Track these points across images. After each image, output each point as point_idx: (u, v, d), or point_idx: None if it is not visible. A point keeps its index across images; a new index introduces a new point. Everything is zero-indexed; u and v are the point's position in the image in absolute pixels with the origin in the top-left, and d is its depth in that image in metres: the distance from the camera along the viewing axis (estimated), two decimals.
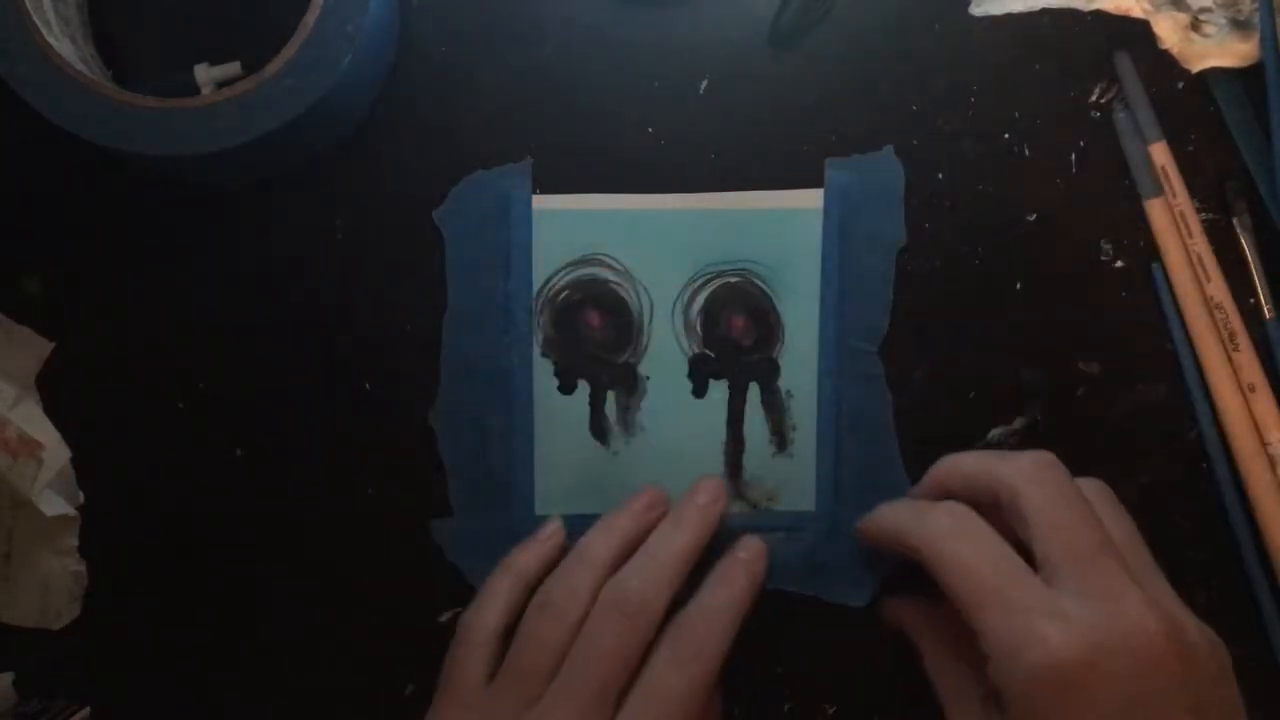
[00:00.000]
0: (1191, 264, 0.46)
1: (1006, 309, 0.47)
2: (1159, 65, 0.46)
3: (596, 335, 0.47)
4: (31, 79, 0.41)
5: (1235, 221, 0.46)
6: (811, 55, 0.46)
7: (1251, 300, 0.47)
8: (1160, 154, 0.46)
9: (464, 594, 0.46)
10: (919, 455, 0.47)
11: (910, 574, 0.44)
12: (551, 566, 0.44)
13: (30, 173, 0.46)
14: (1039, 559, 0.39)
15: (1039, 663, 0.36)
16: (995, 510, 0.41)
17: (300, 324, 0.47)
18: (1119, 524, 0.41)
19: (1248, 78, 0.46)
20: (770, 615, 0.47)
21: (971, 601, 0.38)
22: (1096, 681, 0.36)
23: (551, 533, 0.45)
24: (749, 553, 0.44)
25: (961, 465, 0.43)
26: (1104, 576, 0.38)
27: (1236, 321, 0.46)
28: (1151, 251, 0.47)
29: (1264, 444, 0.46)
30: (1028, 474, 0.40)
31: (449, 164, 0.46)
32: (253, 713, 0.47)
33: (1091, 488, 0.42)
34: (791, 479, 0.47)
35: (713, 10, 0.46)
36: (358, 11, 0.42)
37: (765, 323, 0.47)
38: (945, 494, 0.43)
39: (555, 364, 0.47)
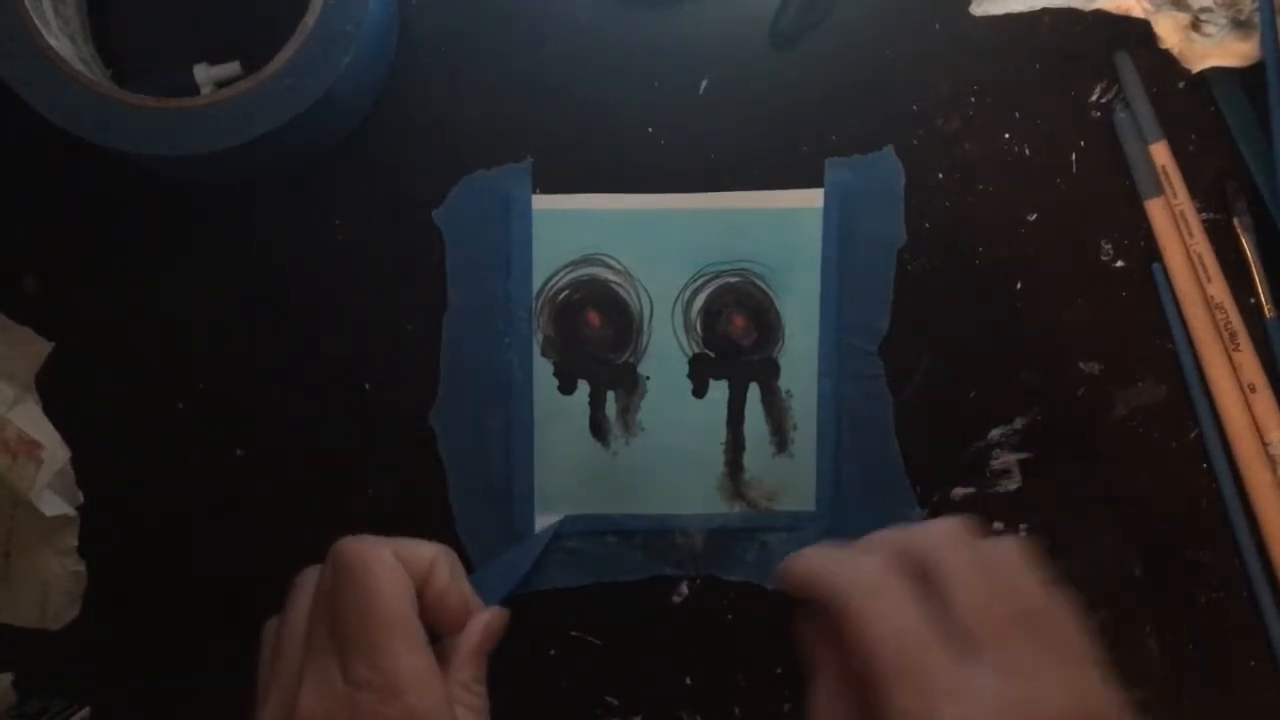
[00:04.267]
0: (1192, 264, 0.46)
1: (1006, 309, 0.47)
2: (1159, 65, 0.46)
3: (596, 335, 0.47)
4: (31, 79, 0.41)
5: (1235, 221, 0.46)
6: (811, 55, 0.46)
7: (1252, 300, 0.47)
8: (1160, 154, 0.46)
9: None
10: (919, 455, 0.47)
11: None
12: None
13: (30, 173, 0.46)
14: (952, 629, 0.36)
15: None
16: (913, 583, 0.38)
17: (300, 324, 0.47)
18: (1037, 591, 0.38)
19: (1248, 78, 0.46)
20: (770, 615, 0.47)
21: (880, 671, 0.36)
22: None
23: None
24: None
25: (881, 537, 0.40)
26: (1019, 651, 0.36)
27: (1237, 321, 0.46)
28: (1151, 251, 0.47)
29: (1264, 444, 0.46)
30: (942, 539, 0.38)
31: (449, 164, 0.46)
32: (252, 713, 0.47)
33: (1012, 549, 0.39)
34: (791, 479, 0.47)
35: (713, 10, 0.46)
36: (358, 11, 0.42)
37: (765, 323, 0.47)
38: None
39: (555, 364, 0.47)
